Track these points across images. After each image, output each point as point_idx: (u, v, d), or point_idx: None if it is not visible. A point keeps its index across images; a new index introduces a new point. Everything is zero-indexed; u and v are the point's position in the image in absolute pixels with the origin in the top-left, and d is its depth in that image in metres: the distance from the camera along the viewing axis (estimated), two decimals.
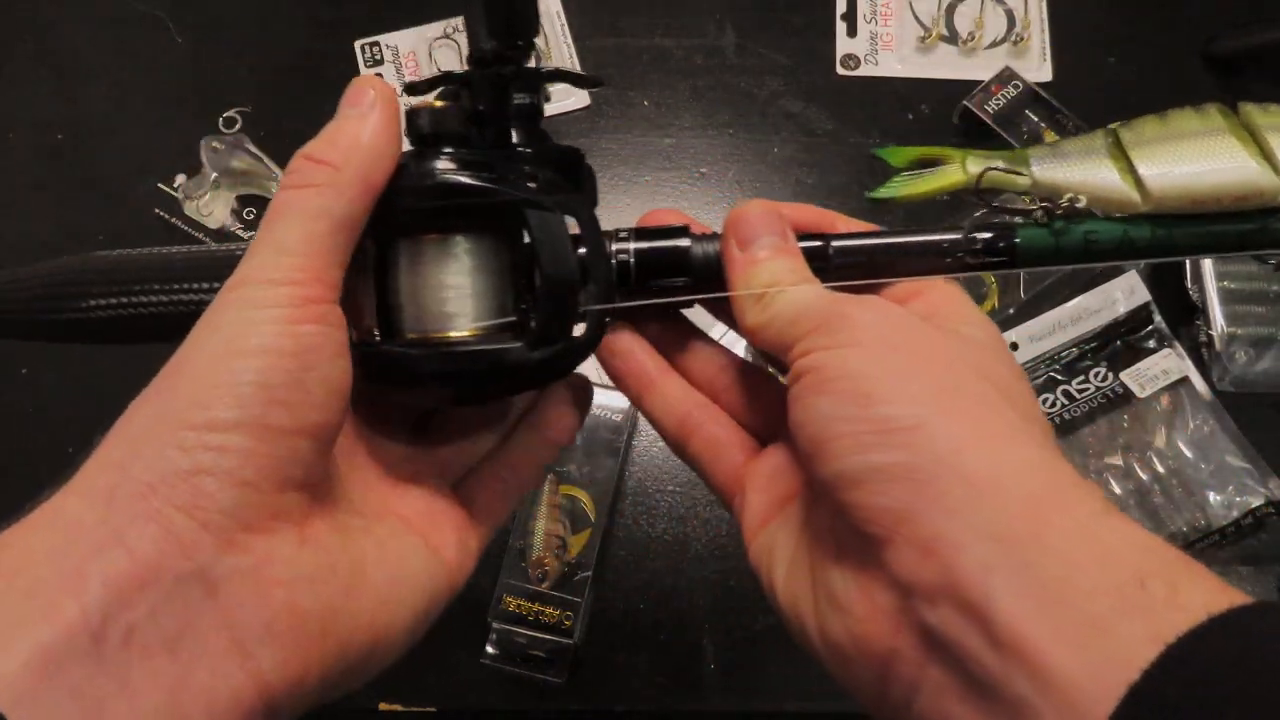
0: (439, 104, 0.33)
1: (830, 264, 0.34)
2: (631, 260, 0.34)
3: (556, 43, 0.77)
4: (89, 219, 0.72)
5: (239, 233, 0.72)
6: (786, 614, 0.31)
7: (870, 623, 0.27)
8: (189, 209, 0.72)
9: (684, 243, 0.34)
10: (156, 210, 0.72)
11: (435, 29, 0.78)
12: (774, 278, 0.32)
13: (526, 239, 0.32)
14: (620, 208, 0.73)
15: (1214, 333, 0.65)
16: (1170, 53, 0.77)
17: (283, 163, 0.72)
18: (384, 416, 0.35)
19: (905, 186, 0.37)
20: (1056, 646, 0.23)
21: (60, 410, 0.66)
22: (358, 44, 0.77)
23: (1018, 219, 0.34)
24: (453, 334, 0.32)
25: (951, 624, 0.25)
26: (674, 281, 0.34)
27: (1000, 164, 0.35)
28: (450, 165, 0.32)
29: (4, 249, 0.72)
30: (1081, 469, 0.63)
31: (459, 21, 0.78)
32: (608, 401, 0.64)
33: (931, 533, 0.26)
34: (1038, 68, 0.76)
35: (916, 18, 0.78)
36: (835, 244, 0.34)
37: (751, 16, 0.78)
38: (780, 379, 0.35)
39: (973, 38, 0.77)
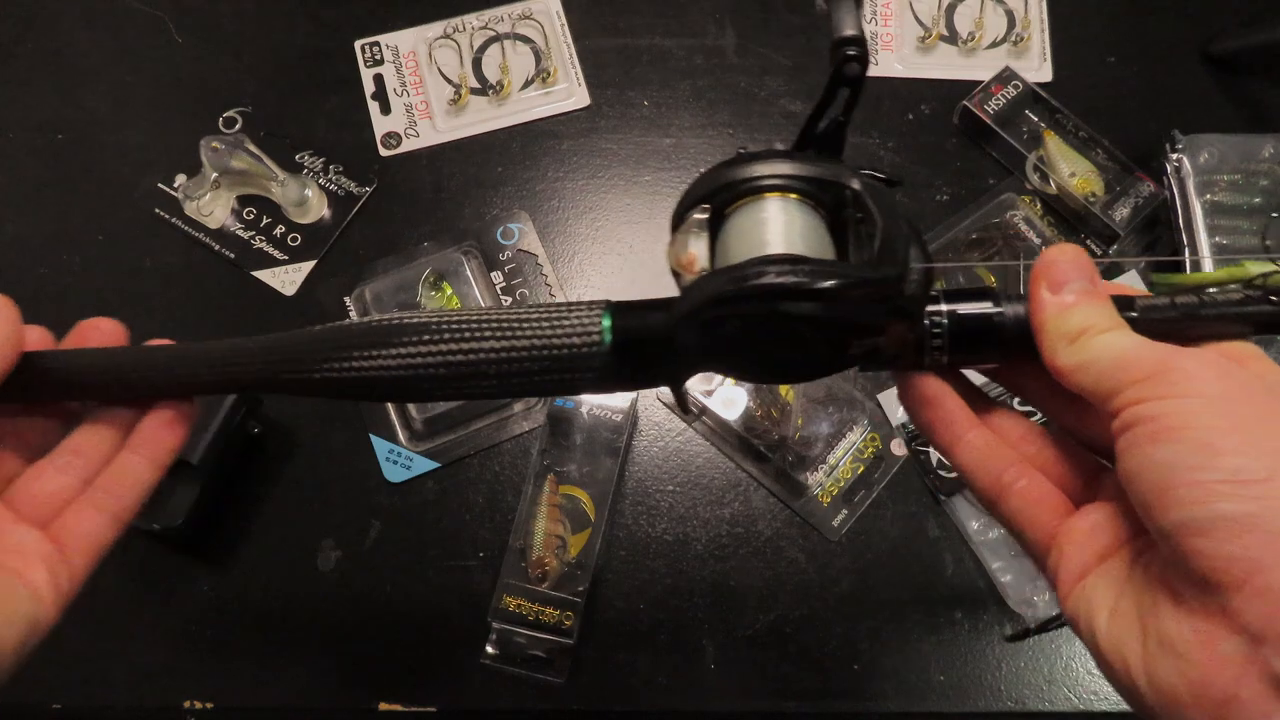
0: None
1: (1135, 322, 0.34)
2: (945, 319, 0.35)
3: (556, 42, 0.77)
4: (89, 219, 0.72)
5: (239, 233, 0.72)
6: (1109, 657, 0.31)
7: (1209, 668, 0.28)
8: (189, 209, 0.72)
9: (992, 307, 0.35)
10: (156, 210, 0.72)
11: (435, 29, 0.78)
12: (1087, 321, 0.33)
13: (851, 210, 0.34)
14: (620, 208, 0.73)
15: None
16: (1170, 53, 0.77)
17: (283, 162, 0.72)
18: None
19: (1192, 276, 0.38)
20: None
21: None
22: (358, 44, 0.77)
23: None
24: (765, 253, 0.33)
25: None
26: (985, 345, 0.35)
27: None
28: (775, 156, 0.35)
29: (4, 249, 0.72)
30: None
31: (459, 21, 0.78)
32: (607, 402, 0.64)
33: None
34: (1038, 68, 0.76)
35: (916, 18, 0.78)
36: (1141, 301, 0.34)
37: (751, 16, 0.78)
38: (1074, 443, 0.36)
39: (973, 38, 0.77)
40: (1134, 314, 0.34)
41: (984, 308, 0.35)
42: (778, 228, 0.34)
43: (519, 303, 0.70)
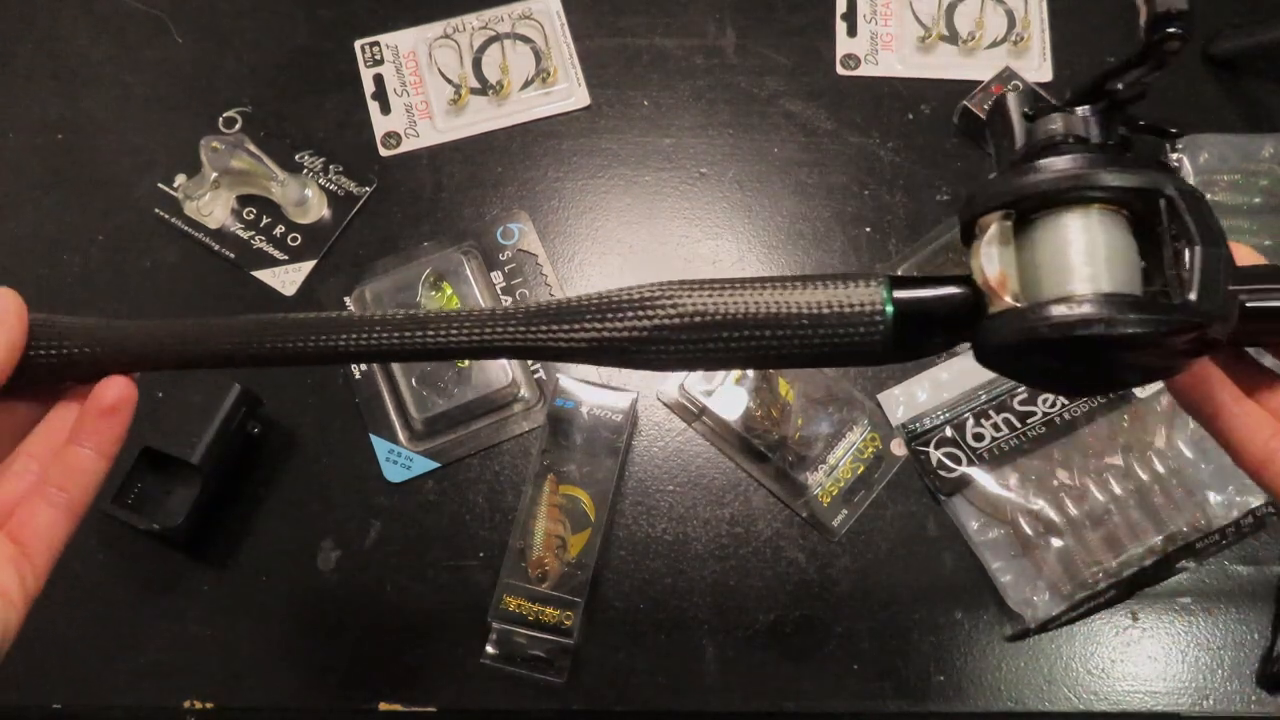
0: (1067, 111, 0.36)
1: None
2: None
3: (556, 42, 0.77)
4: (89, 219, 0.72)
5: (239, 233, 0.72)
6: None
7: None
8: (189, 209, 0.72)
9: None
10: (156, 210, 0.72)
11: (435, 29, 0.78)
12: None
13: (1165, 224, 0.33)
14: (621, 208, 0.73)
15: None
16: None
17: (283, 163, 0.72)
18: None
19: None
20: None
21: None
22: (358, 44, 0.77)
23: None
24: (1079, 291, 0.33)
25: None
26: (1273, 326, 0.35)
27: None
28: (1086, 159, 0.34)
29: (4, 249, 0.72)
30: (1081, 469, 0.63)
31: (459, 21, 0.78)
32: (608, 401, 0.64)
33: None
34: (1038, 68, 0.76)
35: (916, 18, 0.78)
36: None
37: (751, 16, 0.78)
38: None
39: (973, 38, 0.77)
40: None
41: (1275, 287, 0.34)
42: (1083, 254, 0.33)
43: (519, 302, 0.70)
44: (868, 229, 0.72)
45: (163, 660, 0.62)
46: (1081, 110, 0.36)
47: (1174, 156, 0.69)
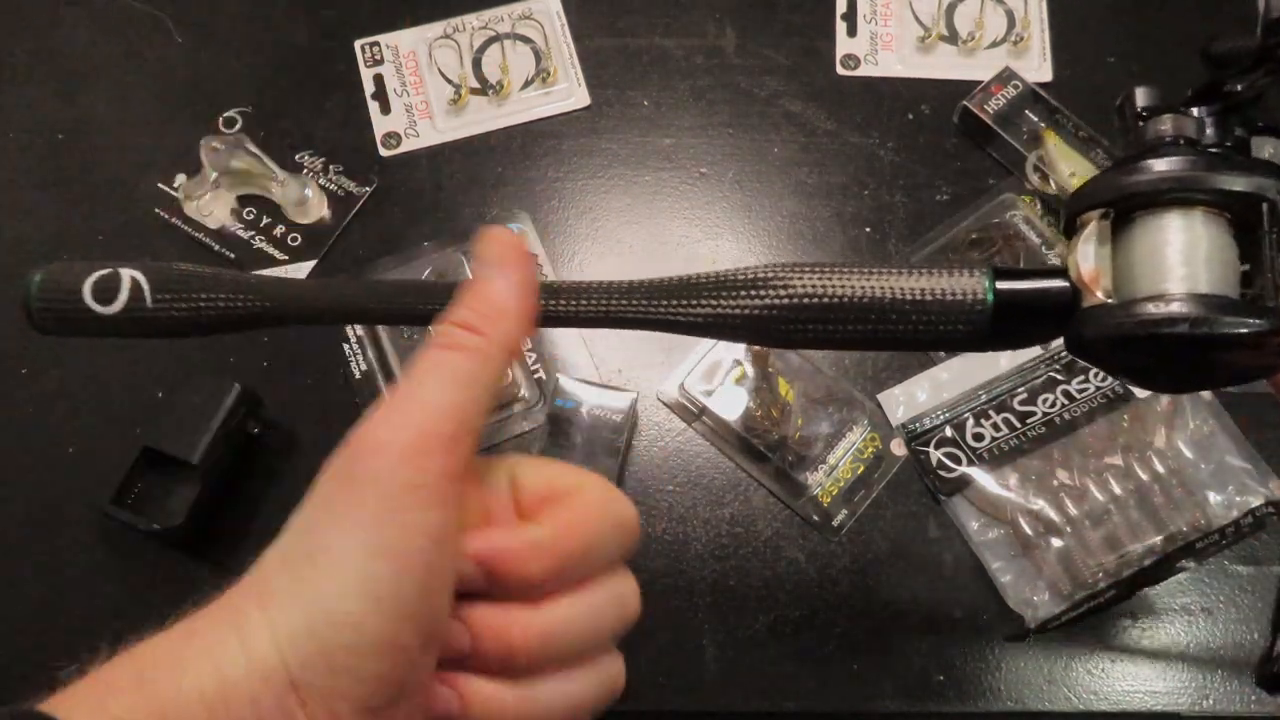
0: (1180, 112, 0.36)
1: None
2: None
3: (556, 42, 0.77)
4: (89, 219, 0.72)
5: (239, 233, 0.72)
6: None
7: None
8: (189, 209, 0.72)
9: None
10: (156, 210, 0.72)
11: (435, 29, 0.78)
12: None
13: (1266, 228, 0.33)
14: (620, 208, 0.73)
15: None
16: (1170, 53, 0.77)
17: (283, 162, 0.72)
18: None
19: None
20: None
21: (60, 410, 0.66)
22: (358, 44, 0.77)
23: None
24: (1172, 290, 0.33)
25: None
26: None
27: None
28: (1189, 161, 0.34)
29: (4, 249, 0.72)
30: (1081, 469, 0.63)
31: (459, 21, 0.78)
32: (607, 401, 0.64)
33: None
34: (1038, 68, 0.76)
35: (916, 18, 0.78)
36: None
37: (751, 16, 0.78)
38: None
39: (973, 38, 0.77)
40: None
41: None
42: (1180, 254, 0.33)
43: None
44: (868, 229, 0.72)
45: None
46: (1197, 111, 0.36)
47: None
